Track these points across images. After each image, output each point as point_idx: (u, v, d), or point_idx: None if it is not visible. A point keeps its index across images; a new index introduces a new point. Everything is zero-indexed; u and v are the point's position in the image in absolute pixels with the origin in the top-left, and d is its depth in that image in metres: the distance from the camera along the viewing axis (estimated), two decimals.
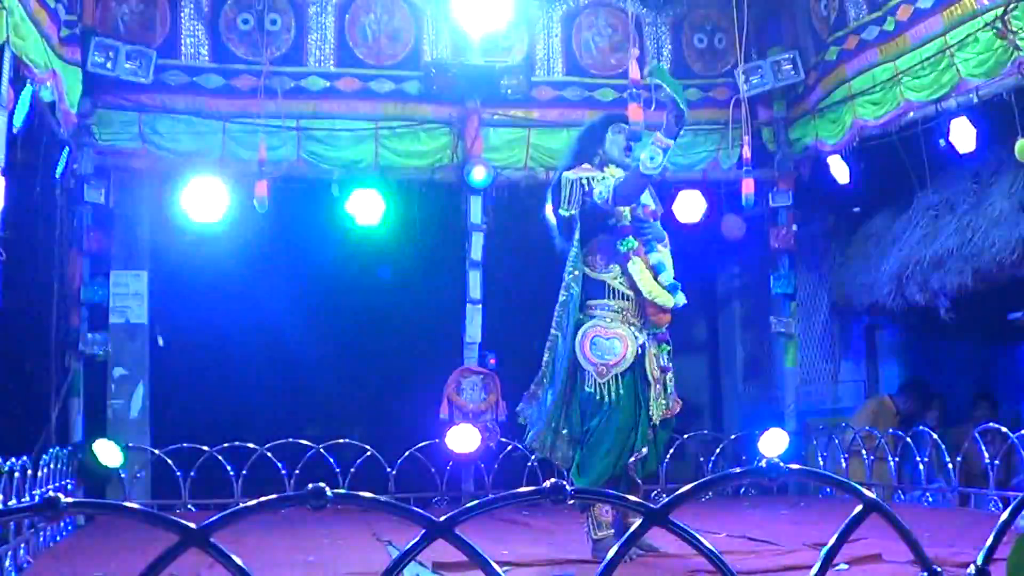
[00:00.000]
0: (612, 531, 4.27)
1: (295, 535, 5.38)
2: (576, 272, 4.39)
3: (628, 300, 4.38)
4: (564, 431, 4.41)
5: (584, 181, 4.36)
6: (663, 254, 4.50)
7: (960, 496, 6.17)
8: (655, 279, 4.37)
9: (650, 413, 4.32)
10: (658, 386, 4.36)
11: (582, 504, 4.36)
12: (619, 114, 4.71)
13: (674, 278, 4.45)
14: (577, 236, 4.40)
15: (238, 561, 1.75)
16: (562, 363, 4.38)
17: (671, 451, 7.24)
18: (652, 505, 1.97)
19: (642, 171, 4.20)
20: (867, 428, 7.08)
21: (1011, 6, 5.47)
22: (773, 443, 7.25)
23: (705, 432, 8.61)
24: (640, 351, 4.33)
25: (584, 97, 7.78)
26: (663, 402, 4.39)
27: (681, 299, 4.41)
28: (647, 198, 4.59)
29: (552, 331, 4.47)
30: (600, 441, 4.26)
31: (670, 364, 4.46)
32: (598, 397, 4.28)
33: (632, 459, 4.30)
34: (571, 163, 4.53)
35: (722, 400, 10.03)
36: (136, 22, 7.16)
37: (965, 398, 7.42)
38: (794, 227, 7.94)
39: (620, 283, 4.37)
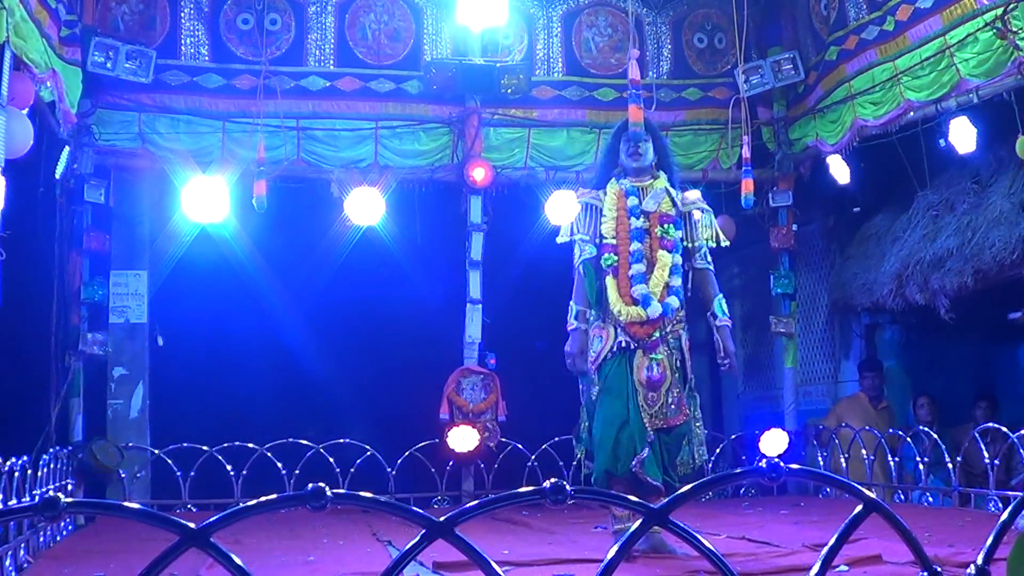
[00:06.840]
0: (630, 524, 4.25)
1: (295, 535, 5.38)
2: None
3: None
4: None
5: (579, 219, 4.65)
6: (662, 258, 4.53)
7: (960, 496, 6.17)
8: (629, 289, 4.46)
9: (642, 418, 4.37)
10: (651, 394, 4.41)
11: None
12: (626, 122, 4.72)
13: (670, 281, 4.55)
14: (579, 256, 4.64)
15: (238, 561, 1.75)
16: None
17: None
18: (652, 505, 1.97)
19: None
20: (865, 428, 7.08)
21: (1011, 6, 5.47)
22: (773, 443, 7.26)
23: (705, 432, 8.57)
24: (624, 346, 4.41)
25: (584, 97, 7.78)
26: (660, 411, 4.41)
27: (656, 309, 4.45)
28: (651, 204, 4.59)
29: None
30: (594, 428, 4.45)
31: (661, 374, 4.44)
32: (590, 392, 4.50)
33: (634, 462, 4.30)
34: (593, 182, 4.81)
35: (722, 400, 10.02)
36: (136, 22, 7.17)
37: (965, 398, 7.41)
38: (794, 227, 7.95)
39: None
